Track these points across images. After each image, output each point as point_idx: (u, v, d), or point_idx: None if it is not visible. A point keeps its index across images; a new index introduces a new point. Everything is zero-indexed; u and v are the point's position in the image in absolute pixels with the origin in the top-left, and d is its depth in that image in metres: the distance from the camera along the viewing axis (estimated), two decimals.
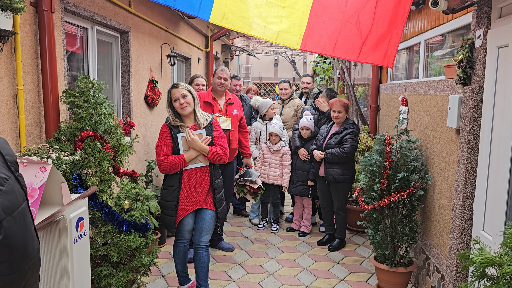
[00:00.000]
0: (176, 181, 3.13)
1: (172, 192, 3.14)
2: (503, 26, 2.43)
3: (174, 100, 3.14)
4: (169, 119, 3.21)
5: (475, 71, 2.69)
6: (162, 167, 3.12)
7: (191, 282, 3.48)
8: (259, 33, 3.06)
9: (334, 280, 3.91)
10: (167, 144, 3.12)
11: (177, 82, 3.27)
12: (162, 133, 3.18)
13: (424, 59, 4.23)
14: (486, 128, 2.55)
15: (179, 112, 3.14)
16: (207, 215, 3.25)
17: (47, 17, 2.82)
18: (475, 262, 1.22)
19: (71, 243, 2.45)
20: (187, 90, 3.15)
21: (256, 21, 3.04)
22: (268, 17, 3.05)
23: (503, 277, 1.11)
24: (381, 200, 3.53)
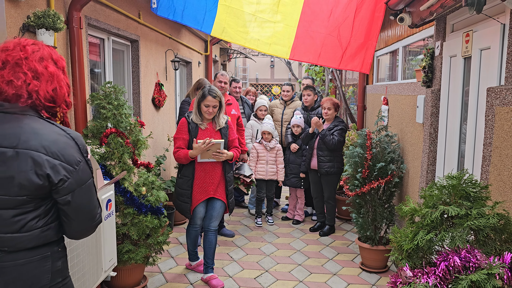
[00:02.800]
0: (190, 173, 3.66)
1: (187, 182, 3.66)
2: (454, 39, 3.04)
3: (206, 105, 3.54)
4: (188, 113, 3.69)
5: (435, 75, 3.30)
6: (174, 157, 3.68)
7: (199, 260, 4.07)
8: (253, 45, 3.66)
9: (323, 259, 4.51)
10: (182, 137, 3.63)
11: (213, 89, 3.58)
12: (180, 126, 3.66)
13: (402, 63, 4.84)
14: (443, 123, 3.16)
15: (203, 114, 3.60)
16: (217, 204, 3.80)
17: (77, 32, 3.41)
18: (405, 210, 1.82)
19: (103, 220, 3.04)
20: (219, 101, 3.57)
21: (251, 35, 3.65)
22: (261, 31, 3.66)
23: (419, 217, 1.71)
24: (363, 187, 4.13)
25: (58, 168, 1.53)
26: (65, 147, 1.56)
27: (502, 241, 1.68)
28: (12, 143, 1.49)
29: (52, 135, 1.56)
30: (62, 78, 1.67)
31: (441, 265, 1.59)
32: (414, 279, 1.67)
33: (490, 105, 2.31)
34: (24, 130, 1.53)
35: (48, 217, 1.58)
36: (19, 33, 2.84)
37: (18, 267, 1.53)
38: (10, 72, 1.55)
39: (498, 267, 1.48)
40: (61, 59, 1.72)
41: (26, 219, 1.52)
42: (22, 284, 1.53)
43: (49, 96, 1.60)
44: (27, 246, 1.53)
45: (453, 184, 1.72)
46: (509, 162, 2.10)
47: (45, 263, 1.59)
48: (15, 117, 1.56)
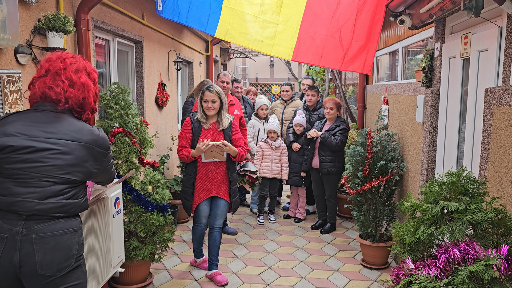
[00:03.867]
0: (192, 171, 3.76)
1: (189, 180, 3.77)
2: (453, 41, 3.14)
3: (205, 100, 3.65)
4: (193, 113, 3.78)
5: (434, 76, 3.40)
6: (178, 155, 3.77)
7: (204, 257, 4.16)
8: (256, 46, 3.75)
9: (325, 256, 4.60)
10: (186, 136, 3.72)
11: (211, 85, 3.70)
12: (185, 126, 3.77)
13: (402, 63, 4.94)
14: (442, 122, 3.26)
15: (205, 111, 3.70)
16: (221, 203, 3.88)
17: (84, 34, 3.49)
18: (406, 206, 1.91)
19: (111, 217, 3.13)
20: (218, 96, 3.65)
21: (254, 36, 3.74)
22: (263, 33, 3.74)
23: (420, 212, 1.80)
24: (364, 185, 4.23)
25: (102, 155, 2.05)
26: (104, 140, 2.05)
27: (499, 234, 1.77)
28: (72, 137, 1.93)
29: (94, 131, 2.02)
30: (91, 88, 2.04)
31: (441, 257, 1.69)
32: (416, 271, 1.77)
33: (488, 105, 2.41)
34: (77, 127, 1.96)
35: (83, 191, 2.04)
36: (30, 35, 2.93)
37: (56, 237, 1.87)
38: (52, 79, 1.93)
39: (496, 258, 1.58)
40: (94, 71, 2.11)
41: (74, 191, 1.96)
42: (59, 251, 1.87)
43: (79, 102, 1.98)
44: (70, 213, 1.94)
45: (453, 180, 1.81)
46: (506, 160, 2.20)
47: (75, 235, 1.95)
48: (62, 116, 1.95)
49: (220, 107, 3.71)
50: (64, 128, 1.93)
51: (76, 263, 1.96)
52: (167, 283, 3.91)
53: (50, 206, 1.86)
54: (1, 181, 1.87)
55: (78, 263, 1.97)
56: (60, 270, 1.88)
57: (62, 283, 1.90)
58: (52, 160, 1.88)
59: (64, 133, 1.92)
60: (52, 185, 1.89)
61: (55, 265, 1.87)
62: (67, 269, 1.91)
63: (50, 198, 1.87)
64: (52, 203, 1.87)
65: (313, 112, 5.75)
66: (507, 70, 2.36)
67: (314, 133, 5.11)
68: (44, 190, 1.87)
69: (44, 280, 1.86)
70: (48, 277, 1.86)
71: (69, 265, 1.91)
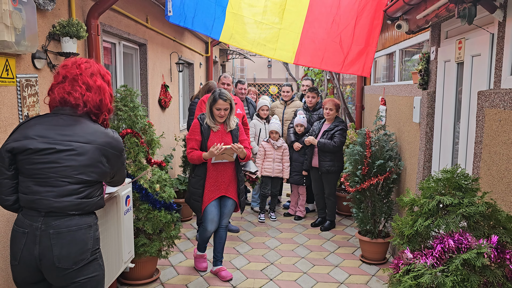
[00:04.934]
0: (202, 172, 3.84)
1: (199, 181, 3.84)
2: (448, 45, 3.31)
3: (217, 108, 3.74)
4: (201, 115, 3.86)
5: (430, 78, 3.57)
6: (188, 157, 3.87)
7: (203, 252, 4.23)
8: (259, 50, 3.92)
9: (325, 252, 4.77)
10: (195, 138, 3.82)
11: (224, 93, 3.77)
12: (193, 127, 3.85)
13: (399, 65, 5.11)
14: (438, 123, 3.43)
15: (215, 116, 3.79)
16: (229, 203, 4.01)
17: (95, 39, 3.64)
18: (405, 201, 2.08)
19: (123, 214, 3.29)
20: (230, 103, 3.77)
21: (257, 40, 3.90)
22: (266, 37, 3.91)
23: (418, 206, 1.98)
24: (363, 183, 4.39)
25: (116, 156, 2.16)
26: (118, 142, 2.17)
27: (490, 226, 1.94)
28: (87, 140, 2.05)
29: (109, 133, 2.14)
30: (107, 90, 2.16)
31: (437, 247, 1.86)
32: (414, 260, 1.94)
33: (480, 107, 2.58)
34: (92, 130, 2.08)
35: (99, 190, 2.17)
36: (45, 41, 3.07)
37: (72, 232, 2.01)
38: (70, 85, 2.06)
39: (486, 247, 1.75)
40: (107, 73, 2.22)
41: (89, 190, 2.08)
42: (74, 246, 2.01)
43: (96, 105, 2.11)
44: (85, 211, 2.06)
45: (448, 177, 1.98)
46: (497, 158, 2.37)
47: (90, 231, 2.08)
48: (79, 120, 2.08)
49: (230, 111, 3.85)
50: (80, 131, 2.05)
51: (92, 257, 2.08)
52: (174, 279, 4.06)
53: (65, 204, 2.00)
54: (23, 180, 2.03)
55: (94, 257, 2.10)
56: (76, 263, 2.01)
57: (79, 275, 2.03)
58: (67, 161, 2.00)
59: (80, 135, 2.04)
60: (68, 185, 2.01)
61: (71, 259, 2.00)
62: (83, 262, 2.03)
63: (66, 197, 2.00)
64: (68, 202, 2.00)
65: (313, 113, 5.92)
66: (498, 74, 2.53)
67: (309, 140, 5.29)
68: (60, 189, 2.00)
69: (62, 272, 1.99)
70: (65, 270, 1.99)
71: (84, 258, 2.04)
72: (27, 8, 2.69)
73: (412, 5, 3.21)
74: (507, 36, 2.46)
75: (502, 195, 2.29)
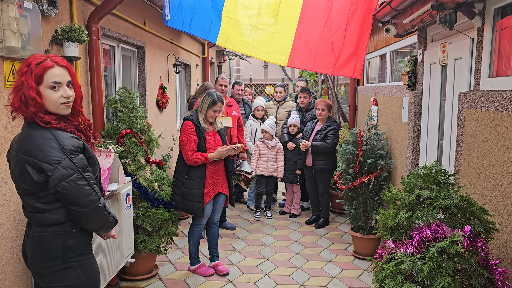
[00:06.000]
0: (202, 173, 3.91)
1: (199, 181, 3.90)
2: (433, 48, 3.49)
3: (214, 110, 3.88)
4: (191, 116, 3.93)
5: (417, 80, 3.75)
6: (188, 161, 3.87)
7: (200, 263, 4.28)
8: (254, 53, 4.09)
9: (319, 248, 4.94)
10: (194, 140, 3.87)
11: (221, 96, 3.95)
12: (188, 129, 3.88)
13: (391, 66, 5.29)
14: (424, 122, 3.61)
15: (208, 117, 3.92)
16: (221, 198, 4.17)
17: (95, 43, 3.79)
18: (389, 195, 2.25)
19: (123, 211, 3.45)
20: None
21: (251, 44, 4.07)
22: (261, 40, 4.08)
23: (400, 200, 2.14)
24: (355, 181, 4.57)
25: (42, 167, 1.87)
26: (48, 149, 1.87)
27: (466, 217, 2.11)
28: (17, 148, 1.94)
29: (38, 139, 1.88)
30: (24, 86, 1.88)
31: (416, 237, 2.03)
32: (396, 250, 2.11)
33: (461, 108, 2.75)
34: (22, 137, 1.94)
35: (54, 203, 1.95)
36: (49, 45, 3.23)
37: (40, 238, 1.97)
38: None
39: (460, 236, 1.92)
40: (26, 62, 1.93)
41: (39, 203, 1.95)
42: (41, 252, 1.97)
43: (19, 107, 1.91)
44: (44, 223, 1.96)
45: (426, 172, 2.15)
46: (475, 155, 2.55)
47: (58, 239, 1.96)
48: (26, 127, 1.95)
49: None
50: (18, 139, 1.97)
51: (64, 265, 1.98)
52: (172, 274, 4.22)
53: (27, 216, 2.02)
54: None
55: (67, 265, 1.99)
56: (45, 268, 1.97)
57: (52, 281, 1.99)
58: (12, 173, 1.98)
59: (16, 144, 1.97)
60: (22, 197, 2.00)
61: (39, 263, 1.98)
62: (52, 268, 1.97)
63: (26, 208, 2.02)
64: (27, 214, 2.02)
65: (306, 113, 6.09)
66: (477, 76, 2.71)
67: (304, 145, 5.44)
68: (22, 200, 2.02)
69: (37, 275, 2.02)
70: (37, 273, 2.01)
71: (54, 265, 1.97)
72: (32, 15, 2.84)
73: (398, 11, 3.38)
74: (485, 40, 2.63)
75: (479, 190, 2.46)
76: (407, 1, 3.07)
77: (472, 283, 1.94)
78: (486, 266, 1.98)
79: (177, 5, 4.22)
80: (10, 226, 2.78)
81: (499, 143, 2.25)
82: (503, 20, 2.52)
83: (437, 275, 1.89)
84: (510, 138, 2.15)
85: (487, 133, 2.40)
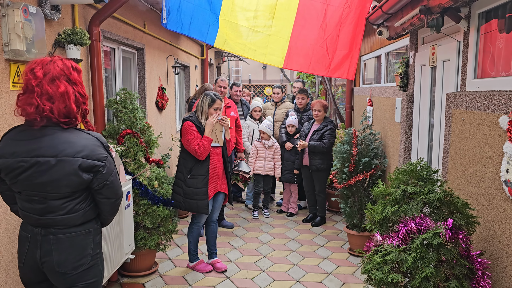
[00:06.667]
0: (205, 171, 4.02)
1: (202, 180, 4.00)
2: (424, 50, 3.62)
3: (215, 108, 3.99)
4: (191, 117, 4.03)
5: (409, 81, 3.88)
6: (197, 154, 3.91)
7: (199, 260, 4.40)
8: (250, 55, 4.22)
9: (315, 246, 5.07)
10: (198, 136, 3.95)
11: (218, 94, 4.05)
12: (190, 128, 3.97)
13: (386, 67, 5.42)
14: (416, 122, 3.74)
15: (208, 116, 4.02)
16: (220, 197, 4.30)
17: (96, 45, 3.92)
18: (377, 191, 2.37)
19: (124, 209, 3.57)
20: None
21: (248, 46, 4.21)
22: (257, 43, 4.22)
23: (387, 195, 2.27)
24: (350, 180, 4.69)
25: (92, 166, 1.97)
26: (92, 150, 1.97)
27: (449, 212, 2.24)
28: (52, 153, 1.92)
29: (80, 142, 1.96)
30: (71, 94, 1.95)
31: (401, 230, 2.15)
32: (383, 242, 2.23)
33: (448, 108, 2.88)
34: (60, 141, 1.93)
35: (88, 201, 2.08)
36: (52, 48, 3.36)
37: (71, 239, 2.02)
38: (27, 97, 1.91)
39: (442, 228, 2.04)
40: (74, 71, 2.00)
41: (72, 204, 2.02)
42: (74, 251, 2.03)
43: (62, 113, 1.94)
44: (76, 223, 2.04)
45: (411, 169, 2.28)
46: (461, 153, 2.68)
47: (89, 236, 2.09)
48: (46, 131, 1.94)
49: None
50: (47, 144, 1.93)
51: (92, 261, 2.08)
52: (171, 271, 4.34)
53: (49, 221, 1.99)
54: (16, 195, 2.06)
55: (94, 262, 2.10)
56: (75, 268, 2.02)
57: (79, 280, 2.05)
58: (37, 178, 1.92)
59: (46, 149, 1.92)
60: (48, 202, 1.97)
61: (70, 264, 2.01)
62: (82, 267, 2.04)
63: (49, 214, 1.98)
64: (50, 219, 1.98)
65: (304, 113, 6.22)
66: (463, 78, 2.84)
67: (301, 145, 5.57)
68: (42, 206, 1.98)
69: (63, 276, 2.02)
70: (65, 274, 2.01)
71: (84, 263, 2.05)
72: (36, 19, 2.97)
73: (390, 14, 3.51)
74: (470, 43, 2.76)
75: (464, 186, 2.59)
76: (397, 5, 3.20)
77: (454, 273, 2.07)
78: (468, 257, 2.10)
79: (176, 8, 4.36)
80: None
81: (482, 141, 2.38)
82: (487, 24, 2.65)
83: (420, 265, 2.02)
84: (491, 137, 2.28)
85: (471, 132, 2.53)
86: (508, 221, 2.09)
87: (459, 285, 2.02)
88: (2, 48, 2.78)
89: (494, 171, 2.23)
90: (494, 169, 2.23)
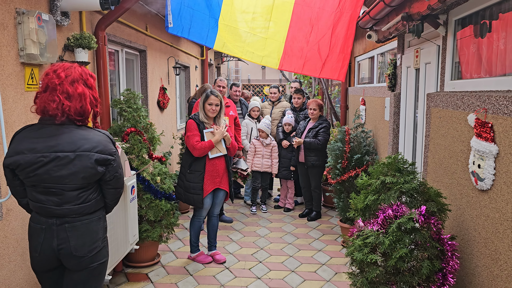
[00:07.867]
0: (202, 167, 4.29)
1: (199, 175, 4.28)
2: (409, 53, 3.88)
3: (209, 103, 4.22)
4: (194, 116, 4.33)
5: (397, 82, 4.14)
6: (196, 150, 4.18)
7: (199, 251, 4.68)
8: (248, 57, 4.49)
9: (310, 239, 5.33)
10: (197, 134, 4.23)
11: (215, 91, 4.28)
12: (191, 126, 4.26)
13: (377, 68, 5.68)
14: (403, 120, 4.00)
15: (206, 112, 4.30)
16: (221, 194, 4.56)
17: (102, 49, 4.19)
18: (361, 182, 2.64)
19: (129, 202, 3.84)
20: (220, 100, 4.27)
21: (246, 48, 4.48)
22: (254, 45, 4.49)
23: (369, 186, 2.55)
24: (343, 175, 4.96)
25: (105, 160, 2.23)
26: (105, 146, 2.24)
27: (424, 200, 2.51)
28: (71, 148, 2.15)
29: (94, 138, 2.22)
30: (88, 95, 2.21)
31: (380, 216, 2.42)
32: (364, 227, 2.50)
33: (428, 107, 3.15)
34: (77, 137, 2.17)
35: (98, 191, 2.34)
36: (62, 51, 3.63)
37: (85, 225, 2.26)
38: (50, 95, 2.13)
39: (415, 214, 2.31)
40: (90, 77, 2.28)
41: (86, 195, 2.26)
42: (88, 236, 2.28)
43: (77, 112, 2.19)
44: (90, 211, 2.29)
45: (390, 162, 2.54)
46: (439, 148, 2.94)
47: (100, 222, 2.35)
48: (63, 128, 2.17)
49: (220, 110, 4.37)
50: (65, 140, 2.15)
51: (102, 244, 2.35)
52: (173, 262, 4.61)
53: (65, 211, 2.20)
54: (28, 189, 2.25)
55: (103, 244, 2.36)
56: (90, 251, 2.26)
57: (93, 261, 2.29)
58: (57, 171, 2.13)
59: (64, 144, 2.14)
60: (65, 193, 2.18)
61: (86, 247, 2.24)
62: (96, 249, 2.29)
63: (66, 204, 2.19)
64: (67, 209, 2.20)
65: (300, 112, 6.49)
66: (442, 79, 3.10)
67: (297, 142, 5.83)
68: (60, 197, 2.18)
69: (79, 259, 2.24)
70: (81, 257, 2.24)
71: (97, 246, 2.30)
72: (48, 25, 3.24)
73: (377, 19, 3.78)
74: (448, 47, 3.03)
75: (441, 178, 2.86)
76: (382, 12, 3.46)
77: (427, 254, 2.34)
78: (439, 240, 2.37)
79: (177, 13, 4.63)
80: None
81: (455, 137, 2.65)
82: (463, 30, 2.91)
83: (396, 247, 2.28)
84: (462, 133, 2.54)
85: (446, 129, 2.79)
86: (475, 208, 2.36)
87: (431, 264, 2.29)
88: (18, 52, 3.04)
89: (465, 164, 2.49)
90: (465, 162, 2.49)
